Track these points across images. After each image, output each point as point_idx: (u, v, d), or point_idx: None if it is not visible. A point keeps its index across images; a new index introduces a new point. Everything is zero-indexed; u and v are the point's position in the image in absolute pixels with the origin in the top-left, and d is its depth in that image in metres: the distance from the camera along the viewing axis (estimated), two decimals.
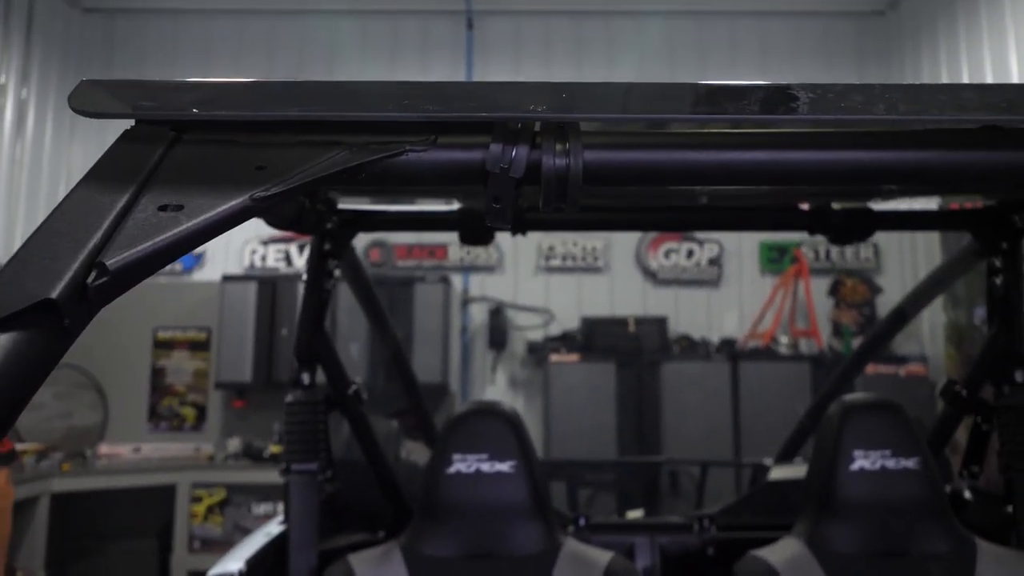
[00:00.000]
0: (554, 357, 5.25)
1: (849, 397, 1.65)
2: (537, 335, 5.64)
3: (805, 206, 1.67)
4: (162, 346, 5.42)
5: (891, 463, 1.52)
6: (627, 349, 5.32)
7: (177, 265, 5.68)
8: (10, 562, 4.25)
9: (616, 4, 5.84)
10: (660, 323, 5.51)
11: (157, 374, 5.42)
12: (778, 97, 0.61)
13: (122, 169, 0.63)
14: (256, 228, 5.63)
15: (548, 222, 1.61)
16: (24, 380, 0.53)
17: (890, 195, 1.65)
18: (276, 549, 1.59)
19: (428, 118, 0.62)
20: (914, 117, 0.59)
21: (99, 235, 0.57)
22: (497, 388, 5.67)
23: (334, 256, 1.62)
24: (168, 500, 4.91)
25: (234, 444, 5.17)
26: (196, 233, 0.59)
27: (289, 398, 1.63)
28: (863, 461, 1.52)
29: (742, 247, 5.81)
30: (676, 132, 0.68)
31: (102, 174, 0.63)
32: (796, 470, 1.98)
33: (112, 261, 0.56)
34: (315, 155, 0.64)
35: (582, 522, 1.92)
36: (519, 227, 1.59)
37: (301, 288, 5.29)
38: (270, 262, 5.75)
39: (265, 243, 5.75)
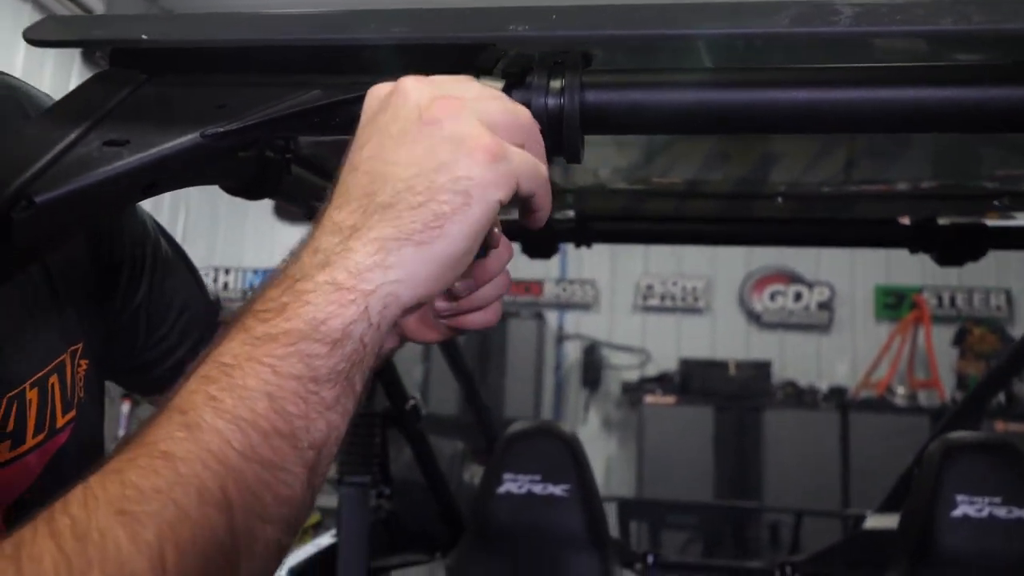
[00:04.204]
0: (649, 398, 5.07)
1: (954, 435, 1.45)
2: (632, 375, 5.47)
3: (907, 220, 1.50)
4: None
5: (1001, 512, 1.31)
6: (727, 393, 5.07)
7: None
8: None
9: None
10: (763, 367, 5.24)
11: None
12: (816, 12, 0.50)
13: (82, 108, 0.59)
14: None
15: (614, 234, 1.52)
16: None
17: (1006, 209, 1.47)
18: (324, 560, 1.53)
19: (402, 40, 0.55)
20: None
21: (34, 169, 0.53)
22: (589, 427, 5.52)
23: None
24: None
25: (330, 471, 5.23)
26: (136, 169, 0.53)
27: None
28: (967, 507, 1.32)
29: (855, 291, 5.48)
30: (694, 69, 0.58)
31: (60, 111, 0.59)
32: (893, 519, 1.76)
33: (41, 196, 0.51)
34: (282, 95, 0.58)
35: (651, 559, 1.77)
36: (583, 239, 1.51)
37: None
38: None
39: None
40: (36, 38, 0.59)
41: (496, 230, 0.63)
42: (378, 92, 0.50)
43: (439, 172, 0.44)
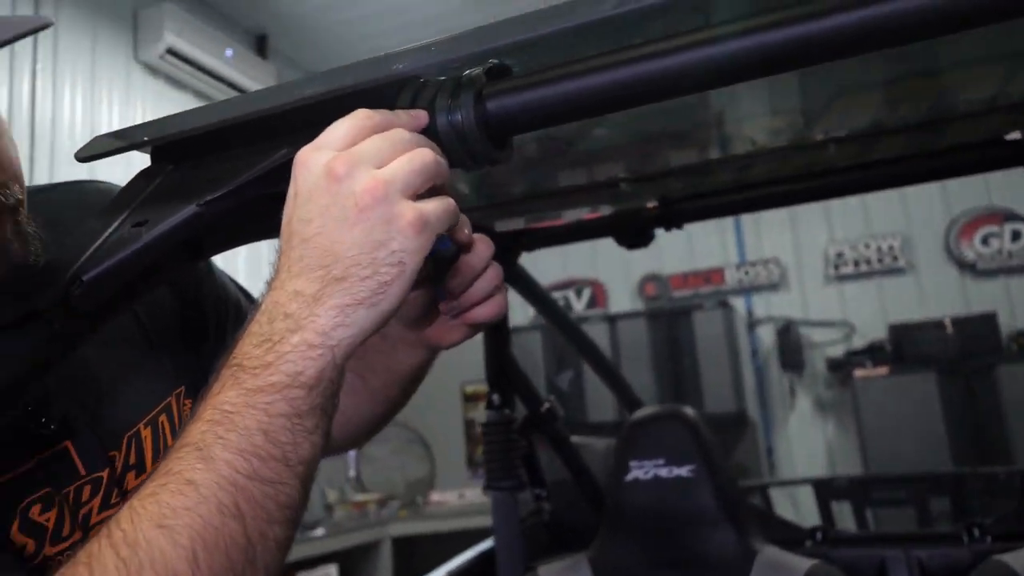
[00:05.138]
0: (860, 372, 4.77)
1: None
2: (837, 351, 5.17)
3: (1017, 135, 1.38)
4: (470, 399, 5.89)
5: None
6: (948, 355, 4.65)
7: None
8: None
9: None
10: (987, 320, 4.76)
11: (469, 425, 5.89)
12: None
13: (127, 199, 0.75)
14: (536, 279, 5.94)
15: (700, 210, 1.51)
16: (29, 370, 0.66)
17: None
18: (484, 564, 1.65)
19: (323, 96, 0.66)
20: None
21: (87, 254, 0.69)
22: (800, 411, 5.28)
23: (503, 279, 1.68)
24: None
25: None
26: (152, 243, 0.68)
27: (483, 419, 1.71)
28: None
29: None
30: (590, 56, 0.63)
31: (114, 204, 0.76)
32: None
33: (87, 275, 0.67)
34: (257, 160, 0.71)
35: (819, 536, 1.72)
36: (669, 222, 1.53)
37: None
38: None
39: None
40: (87, 155, 0.77)
41: (467, 231, 0.73)
42: (307, 163, 0.60)
43: (378, 249, 0.56)
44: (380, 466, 6.05)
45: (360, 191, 0.56)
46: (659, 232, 1.58)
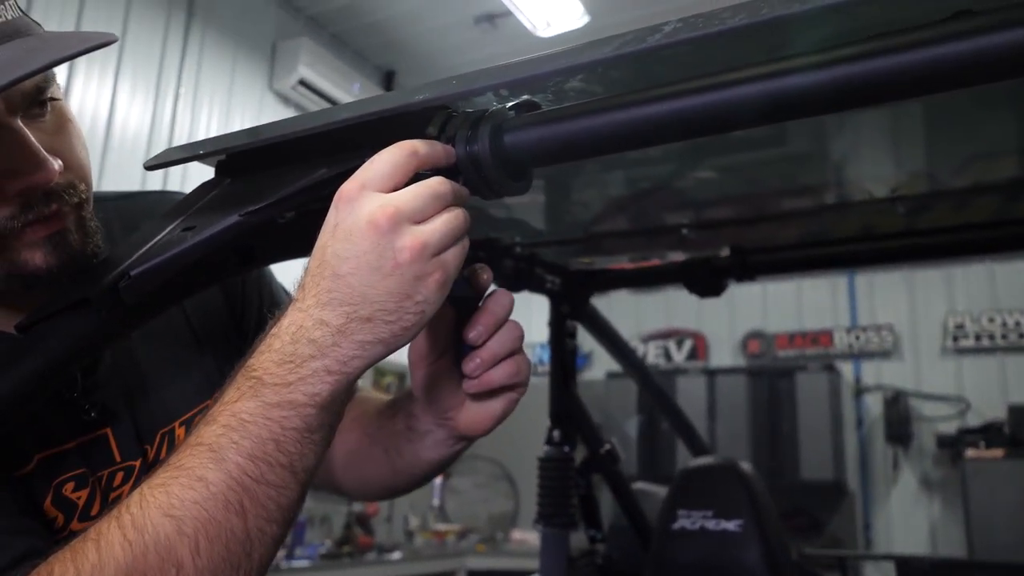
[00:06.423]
0: (971, 452, 4.46)
1: None
2: (949, 427, 4.85)
3: None
4: None
5: None
6: None
7: None
8: None
9: None
10: None
11: None
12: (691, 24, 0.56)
13: (185, 207, 0.82)
14: (637, 327, 5.89)
15: (778, 264, 1.47)
16: (77, 352, 0.73)
17: None
18: None
19: (374, 114, 0.70)
20: None
21: (139, 253, 0.76)
22: (903, 487, 4.97)
23: (573, 317, 1.70)
24: None
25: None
26: (195, 246, 0.74)
27: (541, 455, 1.71)
28: None
29: None
30: (615, 94, 0.65)
31: (173, 210, 0.82)
32: None
33: (135, 270, 0.73)
34: (299, 176, 0.76)
35: None
36: (743, 274, 1.50)
37: (679, 382, 5.29)
38: (650, 358, 5.92)
39: (644, 341, 5.95)
40: (155, 164, 0.85)
41: (484, 276, 0.76)
42: (351, 203, 0.63)
43: (406, 300, 0.61)
44: (464, 499, 6.08)
45: (399, 247, 0.60)
46: (767, 289, 1.56)
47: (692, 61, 0.62)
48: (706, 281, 1.55)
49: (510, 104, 0.70)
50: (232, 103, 4.29)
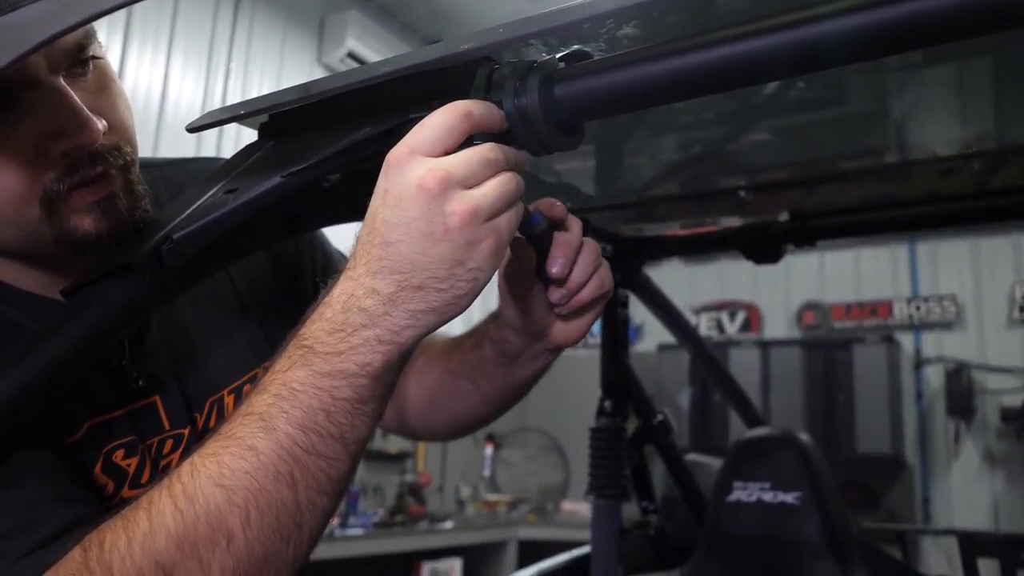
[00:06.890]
0: None
1: None
2: (1015, 400, 4.68)
3: None
4: None
5: None
6: None
7: None
8: None
9: None
10: None
11: None
12: None
13: (228, 169, 0.80)
14: (689, 298, 5.80)
15: (841, 228, 1.41)
16: (121, 317, 0.72)
17: None
18: (578, 570, 1.62)
19: (418, 67, 0.67)
20: None
21: (182, 216, 0.75)
22: (965, 461, 4.83)
23: (624, 285, 1.66)
24: None
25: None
26: (237, 209, 0.72)
27: (594, 425, 1.68)
28: None
29: None
30: (664, 41, 0.60)
31: (215, 173, 0.81)
32: None
33: (178, 234, 0.72)
34: (341, 136, 0.74)
35: None
36: (803, 239, 1.43)
37: (732, 354, 5.22)
38: (702, 330, 5.83)
39: (696, 312, 5.86)
40: (197, 126, 0.83)
41: (557, 205, 0.74)
42: (400, 168, 0.60)
43: (457, 267, 0.58)
44: (515, 470, 6.11)
45: (449, 212, 0.58)
46: (824, 258, 1.50)
47: (755, 1, 0.57)
48: (764, 247, 1.50)
49: (560, 55, 0.67)
50: (282, 77, 4.31)
